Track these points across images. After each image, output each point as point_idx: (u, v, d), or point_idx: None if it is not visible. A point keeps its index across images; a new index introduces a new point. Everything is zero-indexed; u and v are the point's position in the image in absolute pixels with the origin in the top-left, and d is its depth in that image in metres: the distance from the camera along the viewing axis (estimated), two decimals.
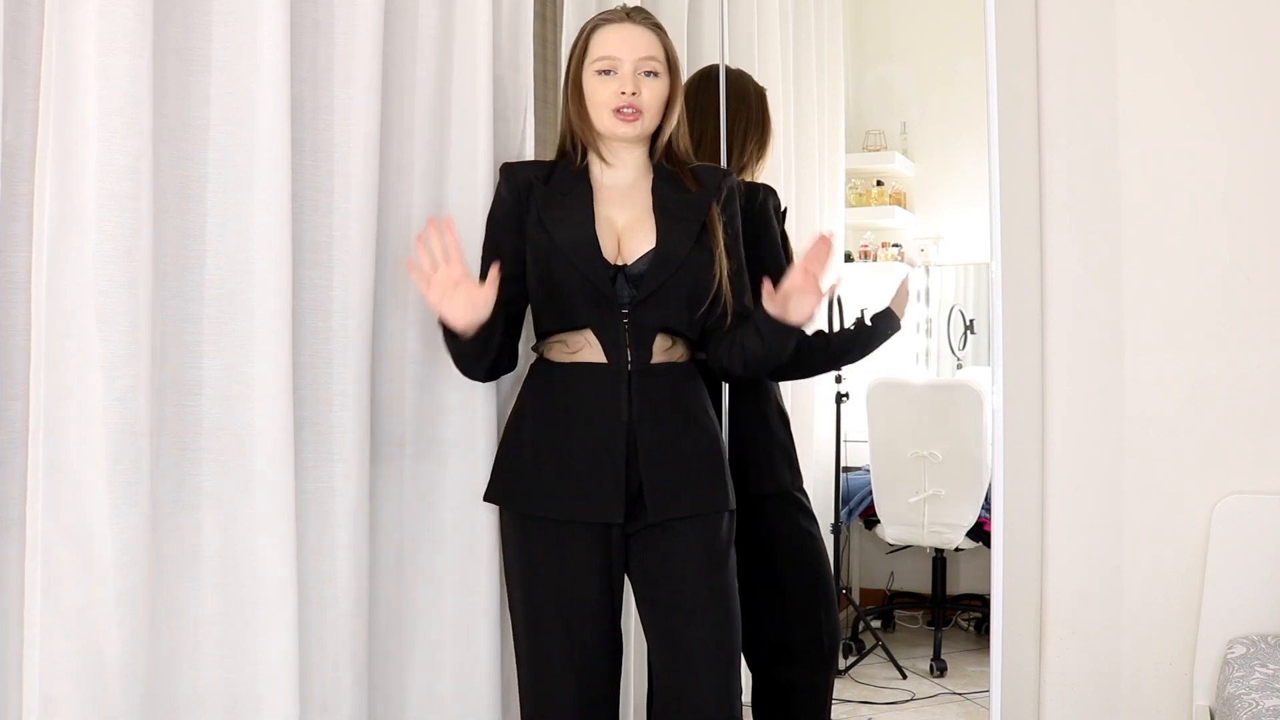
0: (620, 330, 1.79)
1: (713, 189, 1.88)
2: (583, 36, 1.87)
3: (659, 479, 1.79)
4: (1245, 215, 2.35)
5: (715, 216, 1.86)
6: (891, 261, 3.69)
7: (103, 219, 1.38)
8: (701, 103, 2.30)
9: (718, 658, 1.78)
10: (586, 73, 1.84)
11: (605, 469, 1.77)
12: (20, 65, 1.36)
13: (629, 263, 1.81)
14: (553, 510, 1.79)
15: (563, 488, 1.79)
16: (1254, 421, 2.34)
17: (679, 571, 1.80)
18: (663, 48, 1.86)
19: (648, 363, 1.81)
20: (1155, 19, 2.40)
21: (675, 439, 1.82)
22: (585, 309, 1.79)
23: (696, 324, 1.85)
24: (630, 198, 1.87)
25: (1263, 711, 1.88)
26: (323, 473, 1.73)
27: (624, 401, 1.78)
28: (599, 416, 1.79)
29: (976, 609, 3.52)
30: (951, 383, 3.46)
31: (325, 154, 1.74)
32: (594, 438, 1.78)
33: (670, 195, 1.86)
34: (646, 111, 1.83)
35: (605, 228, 1.83)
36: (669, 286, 1.80)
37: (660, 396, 1.81)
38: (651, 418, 1.80)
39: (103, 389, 1.38)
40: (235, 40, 1.57)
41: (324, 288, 1.74)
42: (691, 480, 1.82)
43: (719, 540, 1.83)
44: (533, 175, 1.87)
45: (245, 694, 1.60)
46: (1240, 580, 2.29)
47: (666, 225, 1.83)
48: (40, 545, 1.35)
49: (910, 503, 3.28)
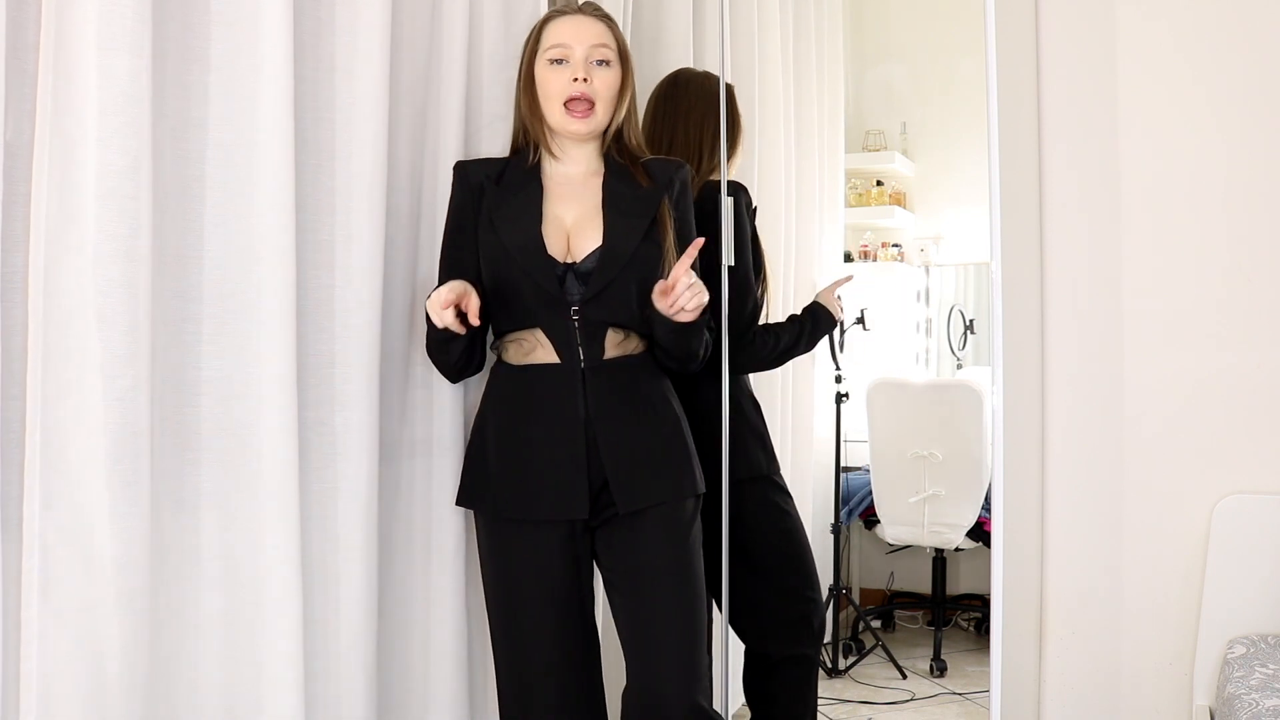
0: (570, 329, 1.80)
1: (664, 183, 1.89)
2: (535, 29, 1.89)
3: (622, 472, 1.80)
4: (1245, 215, 2.35)
5: (666, 212, 1.87)
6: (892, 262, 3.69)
7: (102, 219, 1.38)
8: (670, 107, 2.30)
9: (682, 641, 1.78)
10: (539, 64, 1.85)
11: (566, 467, 1.79)
12: (20, 65, 1.36)
13: (578, 260, 1.81)
14: (519, 511, 1.82)
15: (527, 488, 1.81)
16: (1254, 421, 2.33)
17: (643, 559, 1.81)
18: (614, 38, 1.87)
19: (600, 359, 1.81)
20: (1155, 19, 2.40)
21: (635, 431, 1.83)
22: (535, 309, 1.80)
23: (649, 319, 1.85)
24: (580, 194, 1.87)
25: (1263, 711, 1.88)
26: (327, 473, 1.73)
27: (580, 399, 1.80)
28: (557, 416, 1.80)
29: (976, 609, 3.52)
30: (951, 383, 3.46)
31: (329, 153, 1.73)
32: (554, 437, 1.80)
33: (620, 191, 1.87)
34: (599, 102, 1.83)
35: (554, 226, 1.83)
36: (617, 283, 1.80)
37: (616, 391, 1.82)
38: (609, 413, 1.81)
39: (102, 389, 1.38)
40: (236, 39, 1.57)
41: (327, 287, 1.74)
42: (655, 469, 1.83)
43: (682, 525, 1.84)
44: (484, 175, 1.88)
45: (247, 696, 1.60)
46: (1240, 580, 2.29)
47: (614, 221, 1.83)
48: (39, 545, 1.35)
49: (910, 503, 3.28)
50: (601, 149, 1.91)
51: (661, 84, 2.35)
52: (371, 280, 1.76)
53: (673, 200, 1.89)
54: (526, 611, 1.83)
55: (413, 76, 1.91)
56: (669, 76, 2.38)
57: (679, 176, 1.91)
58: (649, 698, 1.77)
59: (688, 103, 2.29)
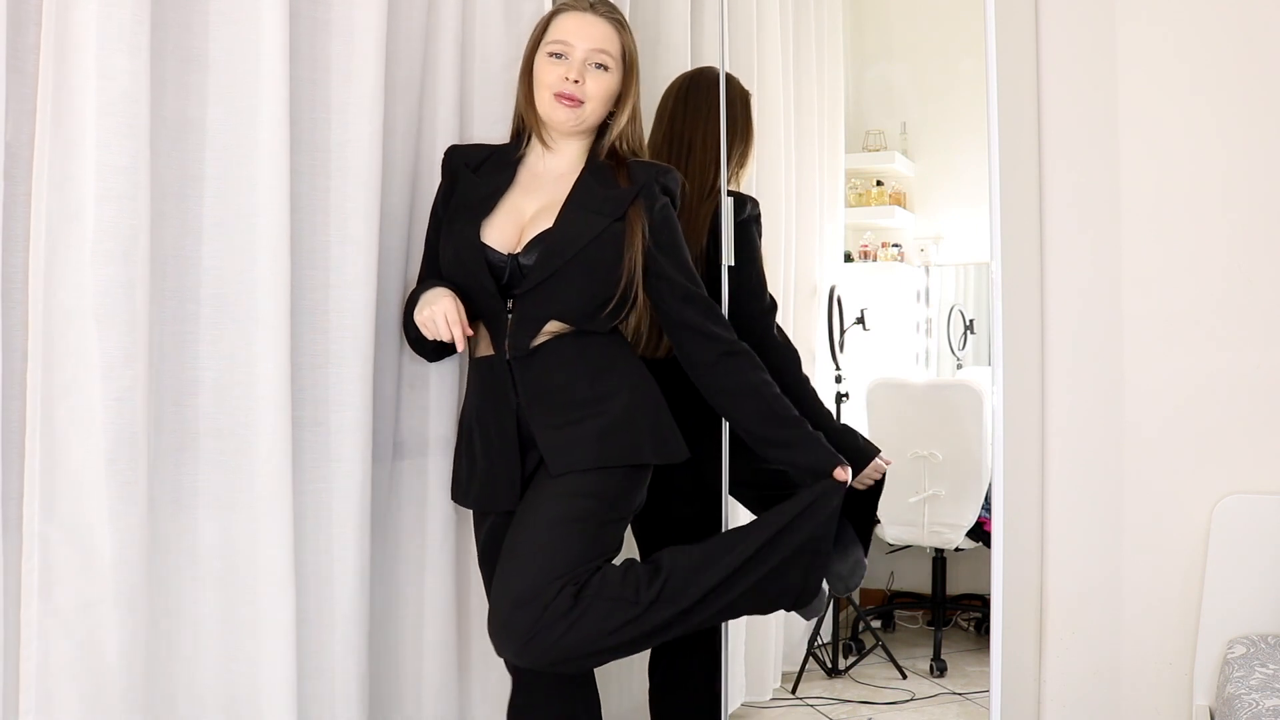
0: (503, 321, 1.79)
1: (642, 185, 1.83)
2: (544, 20, 1.88)
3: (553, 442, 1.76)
4: (1245, 215, 2.35)
5: (637, 213, 1.82)
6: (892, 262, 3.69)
7: (101, 218, 1.38)
8: (688, 107, 2.26)
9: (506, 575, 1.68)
10: (539, 54, 1.84)
11: (498, 459, 1.80)
12: (20, 65, 1.37)
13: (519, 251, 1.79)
14: (471, 502, 1.86)
15: (477, 480, 1.84)
16: (1254, 421, 2.33)
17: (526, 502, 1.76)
18: (619, 43, 1.85)
19: (526, 348, 1.78)
20: (1154, 19, 2.40)
21: (564, 407, 1.78)
22: (477, 302, 1.81)
23: (601, 320, 1.81)
24: (549, 188, 1.86)
25: (1263, 711, 1.88)
26: (322, 473, 1.73)
27: (510, 390, 1.80)
28: (493, 408, 1.81)
29: (976, 609, 3.52)
30: (951, 383, 3.46)
31: (325, 154, 1.74)
32: (492, 429, 1.81)
33: (591, 187, 1.84)
34: (588, 102, 1.82)
35: (509, 217, 1.82)
36: (558, 277, 1.77)
37: (547, 375, 1.79)
38: (538, 399, 1.78)
39: (100, 388, 1.38)
40: (234, 40, 1.58)
41: (323, 287, 1.74)
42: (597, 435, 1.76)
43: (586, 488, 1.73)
44: (463, 161, 1.88)
45: (244, 693, 1.60)
46: (1240, 580, 2.29)
47: (570, 215, 1.80)
48: (38, 545, 1.35)
49: (910, 503, 3.28)
50: (589, 148, 1.90)
51: (680, 82, 2.31)
52: (367, 280, 1.77)
53: (650, 203, 1.83)
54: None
55: (408, 77, 1.91)
56: (688, 75, 2.34)
57: (664, 181, 1.86)
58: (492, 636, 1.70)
59: (710, 106, 2.25)
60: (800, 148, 3.32)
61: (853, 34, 3.75)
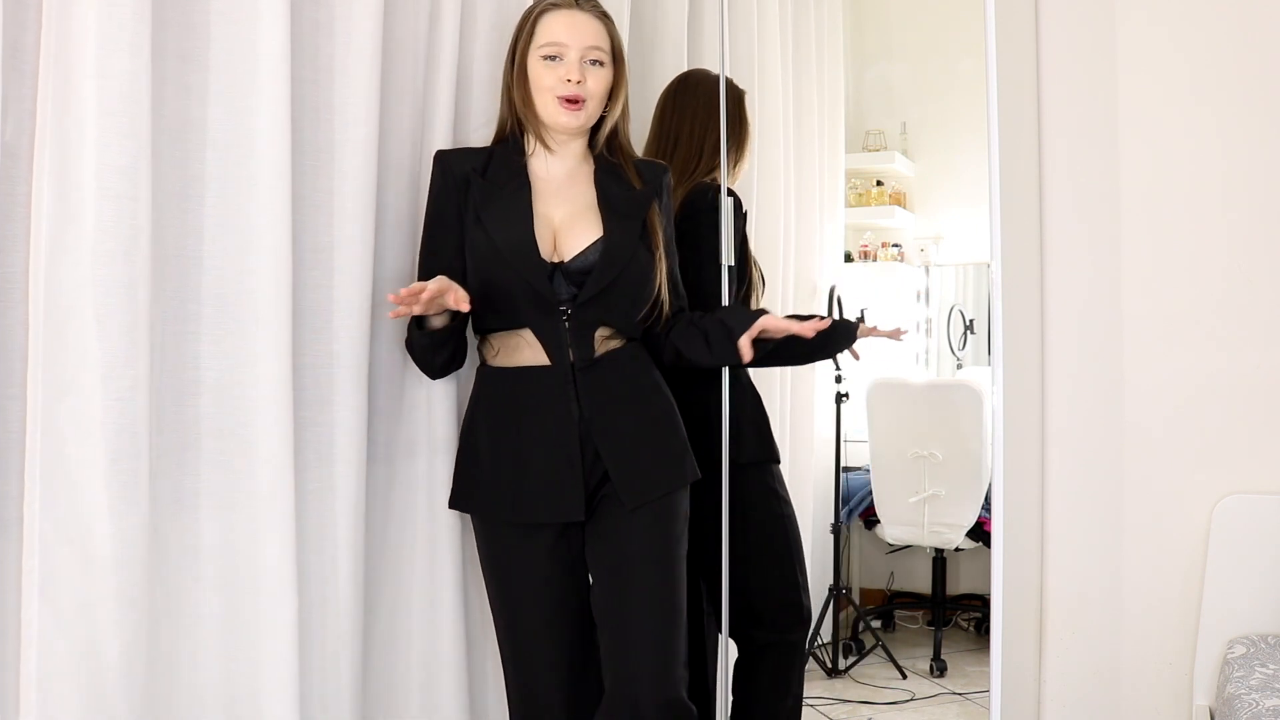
0: (561, 330, 1.79)
1: (655, 186, 1.89)
2: (529, 20, 1.85)
3: (625, 468, 1.79)
4: (1245, 215, 2.35)
5: (656, 215, 1.87)
6: (892, 261, 3.69)
7: (101, 218, 1.38)
8: (678, 106, 2.31)
9: (660, 632, 1.76)
10: (532, 57, 1.83)
11: (563, 469, 1.78)
12: (19, 65, 1.36)
13: (566, 259, 1.80)
14: (515, 514, 1.80)
15: (522, 491, 1.79)
16: (1254, 421, 2.33)
17: (630, 549, 1.79)
18: (609, 37, 1.85)
19: (591, 358, 1.80)
20: (1154, 19, 2.40)
21: (632, 426, 1.82)
22: (524, 310, 1.79)
23: (637, 325, 1.86)
24: (569, 192, 1.86)
25: (1263, 711, 1.88)
26: (323, 473, 1.73)
27: (573, 400, 1.79)
28: (551, 418, 1.79)
29: (976, 609, 3.52)
30: (951, 383, 3.46)
31: (326, 154, 1.73)
32: (549, 439, 1.79)
33: (614, 190, 1.86)
34: (591, 100, 1.82)
35: (542, 224, 1.81)
36: (616, 285, 1.80)
37: (608, 388, 1.81)
38: (604, 412, 1.80)
39: (101, 389, 1.38)
40: (234, 40, 1.57)
41: (325, 288, 1.74)
42: (656, 461, 1.82)
43: (673, 515, 1.83)
44: (469, 166, 1.84)
45: (245, 693, 1.60)
46: (1240, 580, 2.29)
47: (612, 223, 1.82)
48: (38, 545, 1.35)
49: (910, 503, 3.28)
50: (588, 145, 1.90)
51: (672, 83, 2.36)
52: (367, 281, 1.76)
53: (661, 204, 1.89)
54: (526, 613, 1.82)
55: (407, 77, 1.90)
56: (680, 76, 2.39)
57: (666, 180, 1.92)
58: (626, 689, 1.75)
59: (695, 103, 2.30)
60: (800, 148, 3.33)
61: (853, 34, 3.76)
